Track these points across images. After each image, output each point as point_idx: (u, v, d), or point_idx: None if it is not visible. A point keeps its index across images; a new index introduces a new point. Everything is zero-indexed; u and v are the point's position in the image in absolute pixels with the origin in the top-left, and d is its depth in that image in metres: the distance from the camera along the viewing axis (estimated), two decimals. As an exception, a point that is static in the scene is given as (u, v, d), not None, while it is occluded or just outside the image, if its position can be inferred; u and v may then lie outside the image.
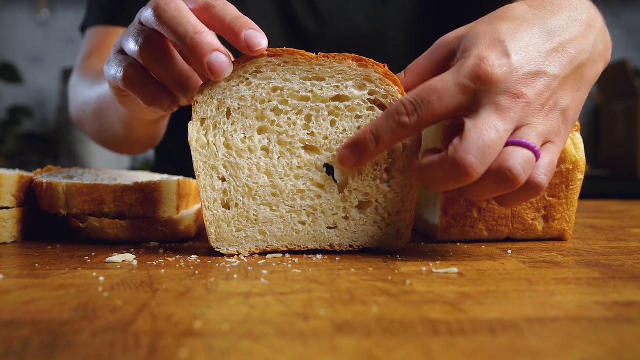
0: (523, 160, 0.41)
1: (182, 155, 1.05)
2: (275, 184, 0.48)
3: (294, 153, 0.48)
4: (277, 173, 0.48)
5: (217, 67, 0.44)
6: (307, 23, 0.94)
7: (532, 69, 0.43)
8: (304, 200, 0.48)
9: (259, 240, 0.48)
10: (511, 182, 0.41)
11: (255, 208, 0.48)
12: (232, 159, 0.48)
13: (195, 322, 0.29)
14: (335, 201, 0.48)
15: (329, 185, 0.48)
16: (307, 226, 0.49)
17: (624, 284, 0.37)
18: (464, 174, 0.40)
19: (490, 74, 0.42)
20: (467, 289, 0.36)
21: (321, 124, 0.48)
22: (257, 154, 0.48)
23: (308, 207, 0.48)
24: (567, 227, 0.55)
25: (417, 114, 0.43)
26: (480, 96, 0.42)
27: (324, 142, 0.48)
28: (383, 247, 0.49)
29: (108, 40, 0.92)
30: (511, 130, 0.42)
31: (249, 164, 0.48)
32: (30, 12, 2.65)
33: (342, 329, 0.28)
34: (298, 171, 0.48)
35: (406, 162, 0.48)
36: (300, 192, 0.48)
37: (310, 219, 0.48)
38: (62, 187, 0.54)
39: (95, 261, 0.45)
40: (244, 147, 0.48)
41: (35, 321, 0.30)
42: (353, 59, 0.47)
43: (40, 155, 2.51)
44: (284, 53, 0.47)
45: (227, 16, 0.46)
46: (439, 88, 0.42)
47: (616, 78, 2.21)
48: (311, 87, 0.47)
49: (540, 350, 0.26)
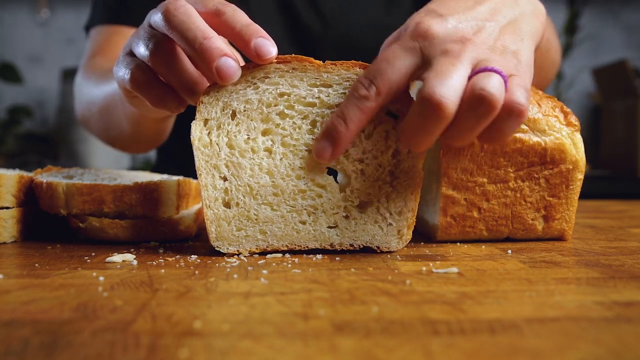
0: (492, 80, 0.42)
1: (184, 154, 1.05)
2: (277, 184, 0.48)
3: (297, 155, 0.48)
4: (279, 173, 0.48)
5: (226, 72, 0.45)
6: (311, 24, 0.94)
7: (467, 24, 0.46)
8: (305, 200, 0.48)
9: (260, 239, 0.48)
10: (488, 102, 0.41)
11: (256, 207, 0.48)
12: (235, 158, 0.48)
13: (195, 322, 0.29)
14: (336, 200, 0.49)
15: (330, 185, 0.48)
16: (308, 225, 0.49)
17: (624, 284, 0.37)
18: (436, 107, 0.41)
19: (428, 28, 0.45)
20: (467, 289, 0.36)
21: None
22: (259, 155, 0.48)
23: (309, 207, 0.48)
24: (567, 227, 0.55)
25: (374, 85, 0.44)
26: (427, 51, 0.45)
27: None
28: (384, 247, 0.49)
29: (113, 40, 0.93)
30: (469, 68, 0.44)
31: (251, 164, 0.48)
32: (30, 12, 2.65)
33: (342, 329, 0.28)
34: (300, 172, 0.48)
35: (411, 163, 0.48)
36: (302, 192, 0.48)
37: (311, 219, 0.48)
38: (62, 187, 0.53)
39: (95, 261, 0.45)
40: (247, 147, 0.48)
41: (35, 321, 0.30)
42: (360, 67, 0.48)
43: (40, 155, 2.51)
44: (292, 60, 0.47)
45: (237, 23, 0.46)
46: (388, 56, 0.45)
47: (616, 78, 2.21)
48: (318, 93, 0.48)
49: (540, 350, 0.26)
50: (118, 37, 0.92)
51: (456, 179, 0.52)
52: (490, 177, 0.53)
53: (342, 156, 0.48)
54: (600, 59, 2.64)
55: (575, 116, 0.54)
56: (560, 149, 0.53)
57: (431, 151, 0.55)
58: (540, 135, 0.52)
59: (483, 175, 0.53)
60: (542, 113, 0.53)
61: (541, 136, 0.52)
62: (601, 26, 2.72)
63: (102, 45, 0.93)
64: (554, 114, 0.53)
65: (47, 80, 2.67)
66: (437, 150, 0.53)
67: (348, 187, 0.49)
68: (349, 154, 0.48)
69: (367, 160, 0.48)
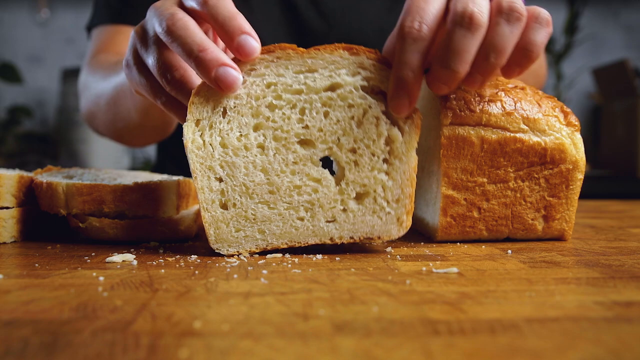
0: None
1: (184, 154, 1.05)
2: (272, 181, 0.48)
3: (289, 148, 0.48)
4: (273, 170, 0.48)
5: (225, 81, 0.45)
6: (313, 23, 0.94)
7: None
8: (301, 195, 0.48)
9: (259, 239, 0.48)
10: (517, 10, 0.44)
11: (253, 207, 0.48)
12: (229, 157, 0.48)
13: (195, 322, 0.29)
14: (332, 194, 0.49)
15: (325, 179, 0.49)
16: (306, 222, 0.49)
17: (624, 284, 0.37)
18: (470, 19, 0.43)
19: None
20: (467, 288, 0.36)
21: (314, 117, 0.48)
22: (252, 152, 0.48)
23: (305, 203, 0.48)
24: (567, 227, 0.55)
25: (424, 24, 0.45)
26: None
27: (318, 135, 0.48)
28: (384, 236, 0.49)
29: (116, 39, 0.93)
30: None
31: (245, 162, 0.48)
32: (30, 12, 2.65)
33: (342, 328, 0.28)
34: (294, 167, 0.48)
35: (405, 148, 0.48)
36: (297, 188, 0.48)
37: (309, 214, 0.48)
38: (62, 187, 0.53)
39: (95, 261, 0.45)
40: (240, 145, 0.48)
41: (35, 321, 0.30)
42: (344, 48, 0.48)
43: (40, 155, 2.51)
44: (275, 49, 0.48)
45: (219, 15, 0.46)
46: None
47: (616, 78, 2.21)
48: (304, 79, 0.48)
49: (540, 350, 0.26)
50: (121, 37, 0.93)
51: (456, 179, 0.52)
52: (490, 177, 0.53)
53: (336, 146, 0.48)
54: (600, 59, 2.64)
55: (575, 116, 0.54)
56: (560, 149, 0.53)
57: (430, 149, 0.55)
58: (540, 135, 0.52)
59: (483, 175, 0.53)
60: (542, 113, 0.53)
61: (541, 136, 0.52)
62: (601, 26, 2.72)
63: (105, 44, 0.93)
64: (554, 114, 0.53)
65: (47, 80, 2.67)
66: (437, 150, 0.53)
67: (343, 179, 0.49)
68: (342, 144, 0.48)
69: (360, 150, 0.48)
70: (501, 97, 0.53)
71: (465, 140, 0.52)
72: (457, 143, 0.52)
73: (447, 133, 0.51)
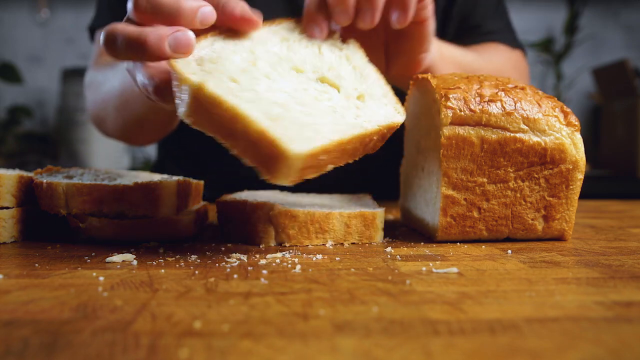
0: None
1: (184, 152, 1.05)
2: (294, 97, 0.48)
3: (288, 74, 0.51)
4: (288, 90, 0.49)
5: (205, 19, 0.47)
6: None
7: None
8: (322, 102, 0.49)
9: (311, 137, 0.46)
10: None
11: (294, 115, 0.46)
12: (248, 89, 0.47)
13: (195, 322, 0.29)
14: (344, 100, 0.51)
15: (329, 91, 0.51)
16: (338, 117, 0.48)
17: (624, 284, 0.37)
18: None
19: None
20: (467, 288, 0.36)
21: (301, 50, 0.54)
22: (261, 80, 0.49)
23: (328, 108, 0.49)
24: (567, 227, 0.55)
25: None
26: None
27: (303, 64, 0.52)
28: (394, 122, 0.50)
29: None
30: None
31: (264, 85, 0.48)
32: (30, 12, 2.65)
33: (342, 328, 0.28)
34: (301, 85, 0.50)
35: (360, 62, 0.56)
36: (316, 99, 0.49)
37: (338, 115, 0.48)
38: (62, 187, 0.53)
39: (95, 261, 0.45)
40: (246, 66, 0.49)
41: (35, 321, 0.30)
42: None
43: (40, 155, 2.51)
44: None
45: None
46: None
47: (616, 78, 2.21)
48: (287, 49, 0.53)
49: (540, 350, 0.26)
50: None
51: (456, 179, 0.52)
52: (490, 177, 0.53)
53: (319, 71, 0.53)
54: (600, 59, 2.64)
55: (575, 116, 0.54)
56: (560, 149, 0.53)
57: (430, 149, 0.55)
58: (540, 135, 0.52)
59: (483, 175, 0.53)
60: (542, 113, 0.53)
61: (541, 136, 0.52)
62: (601, 26, 2.72)
63: None
64: (554, 114, 0.53)
65: (47, 80, 2.67)
66: (437, 150, 0.53)
67: (341, 90, 0.52)
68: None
69: (335, 71, 0.54)
70: (501, 97, 0.53)
71: (465, 140, 0.52)
72: (457, 143, 0.52)
73: (447, 133, 0.51)
